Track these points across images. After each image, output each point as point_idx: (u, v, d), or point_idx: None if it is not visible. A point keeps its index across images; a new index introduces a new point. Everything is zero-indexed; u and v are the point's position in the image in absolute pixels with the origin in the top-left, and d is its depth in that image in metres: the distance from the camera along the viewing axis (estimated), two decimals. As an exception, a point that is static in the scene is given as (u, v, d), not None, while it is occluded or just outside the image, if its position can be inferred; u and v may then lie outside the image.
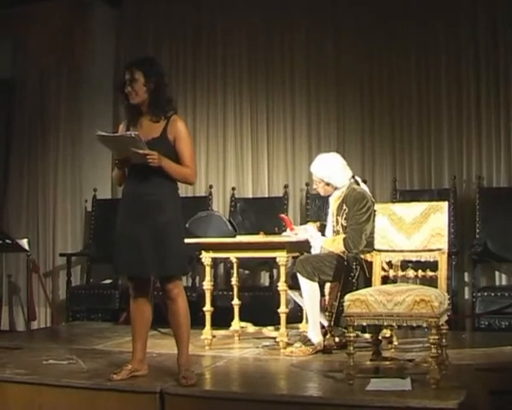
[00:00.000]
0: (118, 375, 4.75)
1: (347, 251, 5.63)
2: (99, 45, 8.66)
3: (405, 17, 7.86)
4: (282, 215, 6.44)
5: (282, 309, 5.78)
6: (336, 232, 5.85)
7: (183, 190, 8.43)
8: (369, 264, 5.29)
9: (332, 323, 5.69)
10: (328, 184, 5.91)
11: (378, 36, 7.96)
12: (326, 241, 5.86)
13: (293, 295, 5.95)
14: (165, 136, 4.73)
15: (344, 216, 5.77)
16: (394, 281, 5.07)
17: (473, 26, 7.64)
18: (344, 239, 5.68)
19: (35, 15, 8.64)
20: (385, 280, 5.04)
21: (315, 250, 5.88)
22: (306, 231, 5.97)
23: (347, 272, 5.58)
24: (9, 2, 8.44)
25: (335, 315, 5.65)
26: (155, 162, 4.60)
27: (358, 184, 5.93)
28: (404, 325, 4.54)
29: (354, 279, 5.54)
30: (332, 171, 5.88)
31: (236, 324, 6.36)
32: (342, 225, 5.78)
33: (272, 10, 8.39)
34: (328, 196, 6.00)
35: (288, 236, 6.02)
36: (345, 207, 5.77)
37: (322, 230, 6.06)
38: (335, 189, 5.90)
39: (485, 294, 6.84)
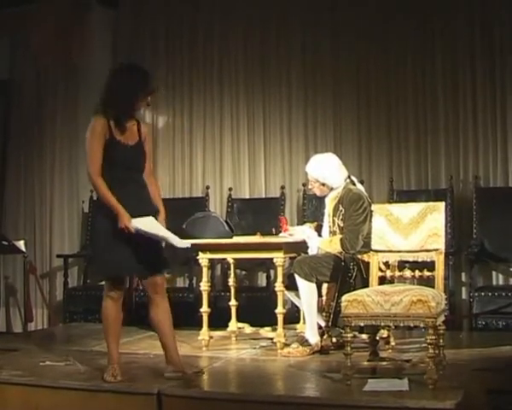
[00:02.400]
0: (117, 374, 4.76)
1: (344, 252, 5.63)
2: (96, 46, 8.65)
3: (402, 19, 7.87)
4: (281, 217, 6.43)
5: (280, 310, 5.78)
6: (333, 233, 5.85)
7: (180, 191, 8.53)
8: (366, 264, 5.30)
9: (329, 323, 5.69)
10: (323, 185, 5.91)
11: (375, 37, 7.97)
12: (323, 241, 5.86)
13: (290, 295, 5.96)
14: (143, 138, 4.88)
15: (340, 217, 5.77)
16: (391, 281, 5.07)
17: (470, 27, 7.65)
18: (341, 240, 5.68)
19: (33, 16, 8.63)
20: (382, 281, 5.04)
21: (312, 251, 5.88)
22: (303, 232, 5.97)
23: (345, 273, 5.58)
24: (7, 2, 8.44)
25: (333, 316, 5.65)
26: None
27: (354, 184, 5.93)
28: (402, 325, 4.55)
29: (351, 280, 5.55)
30: (327, 171, 5.88)
31: (234, 324, 6.36)
32: (339, 225, 5.78)
33: (269, 11, 8.39)
34: (325, 196, 6.00)
35: (284, 236, 6.02)
36: (341, 207, 5.77)
37: (319, 230, 6.06)
38: (331, 189, 5.90)
39: (483, 294, 6.85)
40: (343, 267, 5.58)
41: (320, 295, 5.75)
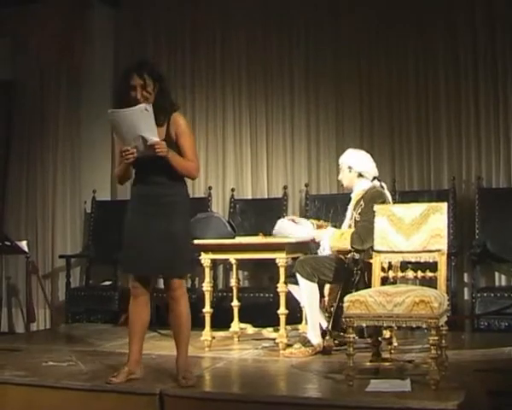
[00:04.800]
0: (116, 378, 4.73)
1: (352, 246, 5.61)
2: (98, 46, 8.66)
3: (404, 19, 7.86)
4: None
5: (282, 310, 5.78)
6: (349, 226, 5.84)
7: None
8: (369, 265, 5.31)
9: (330, 327, 5.67)
10: (349, 169, 5.91)
11: (377, 38, 7.97)
12: (335, 234, 5.81)
13: (293, 289, 5.92)
14: (168, 137, 4.72)
15: (359, 211, 5.76)
16: (394, 282, 5.07)
17: (471, 27, 7.65)
18: (352, 233, 5.66)
19: (34, 16, 8.65)
20: (384, 281, 5.04)
21: (323, 244, 5.84)
22: (305, 225, 5.97)
23: (347, 276, 5.57)
24: (9, 2, 8.44)
25: (333, 319, 5.64)
26: (163, 152, 4.58)
27: (382, 187, 5.91)
28: (404, 326, 4.54)
29: (354, 284, 5.53)
30: (356, 157, 5.94)
31: (236, 325, 6.36)
32: (355, 219, 5.77)
33: (271, 10, 8.39)
34: (351, 191, 5.98)
35: (290, 235, 5.98)
36: (362, 202, 5.77)
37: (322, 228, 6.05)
38: (359, 176, 5.88)
39: (485, 294, 6.84)
40: (346, 270, 5.58)
41: (322, 296, 5.75)
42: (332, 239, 5.80)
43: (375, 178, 5.93)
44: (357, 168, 5.89)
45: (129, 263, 4.85)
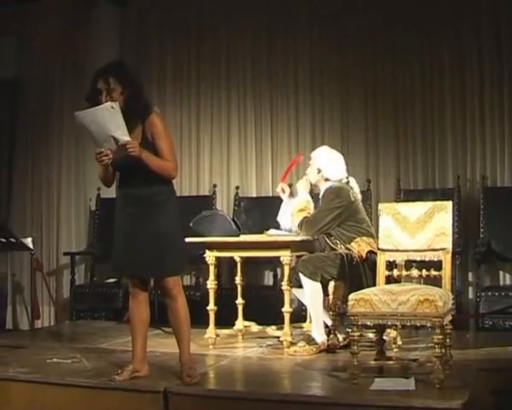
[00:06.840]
0: (119, 376, 4.73)
1: (297, 227, 5.83)
2: (103, 44, 8.65)
3: (410, 20, 7.84)
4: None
5: (286, 308, 5.78)
6: None
7: (187, 190, 8.51)
8: (364, 260, 5.36)
9: (345, 324, 5.68)
10: (318, 171, 6.01)
11: (382, 36, 7.96)
12: (298, 205, 6.01)
13: (297, 292, 5.94)
14: (145, 140, 4.64)
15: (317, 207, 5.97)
16: (398, 281, 5.07)
17: (477, 27, 7.63)
18: (303, 218, 5.84)
19: (39, 14, 8.66)
20: (389, 280, 5.04)
21: (283, 211, 6.16)
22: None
23: (351, 271, 5.57)
24: (13, 1, 8.45)
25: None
26: (136, 152, 4.49)
27: (348, 183, 6.01)
28: (408, 324, 4.54)
29: (360, 280, 5.54)
30: (326, 160, 6.04)
31: (240, 323, 6.37)
32: None
33: (276, 10, 8.39)
34: (318, 188, 6.09)
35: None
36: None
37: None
38: (326, 180, 5.97)
39: (489, 294, 6.84)
40: (348, 265, 5.59)
41: (327, 294, 5.76)
42: (294, 209, 6.00)
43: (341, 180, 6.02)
44: (326, 173, 6.00)
45: (118, 264, 4.87)
